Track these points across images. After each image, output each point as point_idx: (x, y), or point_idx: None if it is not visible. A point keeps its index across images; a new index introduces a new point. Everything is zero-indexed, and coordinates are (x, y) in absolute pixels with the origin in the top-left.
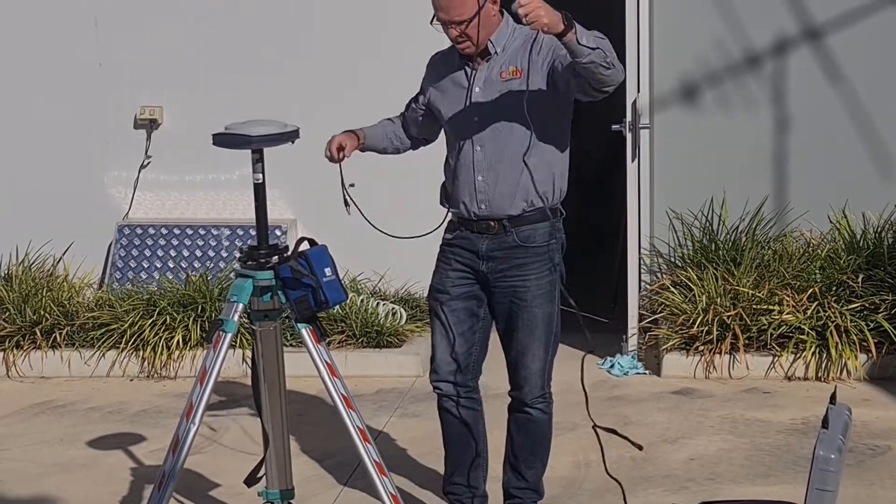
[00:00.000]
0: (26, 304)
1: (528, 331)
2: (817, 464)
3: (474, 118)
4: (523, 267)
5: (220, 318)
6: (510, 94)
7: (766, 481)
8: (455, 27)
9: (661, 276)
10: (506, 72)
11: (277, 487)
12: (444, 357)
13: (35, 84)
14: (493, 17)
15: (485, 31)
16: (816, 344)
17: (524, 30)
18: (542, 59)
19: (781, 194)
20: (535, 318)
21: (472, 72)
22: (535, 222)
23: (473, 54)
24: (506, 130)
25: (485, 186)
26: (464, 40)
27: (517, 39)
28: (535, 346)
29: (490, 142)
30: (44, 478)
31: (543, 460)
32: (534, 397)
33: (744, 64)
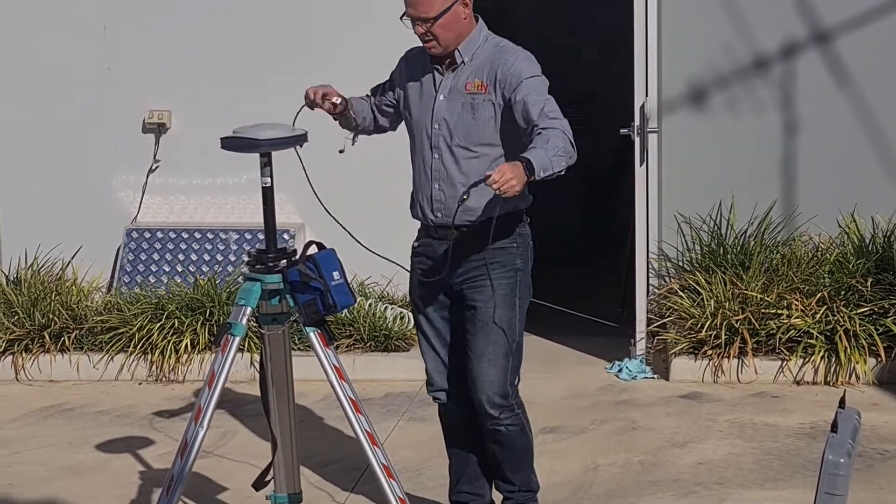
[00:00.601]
0: (35, 308)
1: (484, 335)
2: (826, 468)
3: (435, 125)
4: (481, 269)
5: (228, 321)
6: (472, 108)
7: (775, 486)
8: (421, 24)
9: (670, 281)
10: (471, 84)
11: (285, 491)
12: (433, 367)
13: (44, 88)
14: (464, 20)
15: (452, 34)
16: (825, 348)
17: (496, 45)
18: (503, 88)
19: (790, 198)
20: (488, 321)
21: (439, 78)
22: (504, 227)
23: (440, 56)
24: (462, 140)
25: (441, 195)
26: (430, 39)
27: (488, 54)
28: (490, 350)
29: (448, 152)
30: (52, 481)
31: (528, 462)
32: (494, 406)
33: (752, 67)
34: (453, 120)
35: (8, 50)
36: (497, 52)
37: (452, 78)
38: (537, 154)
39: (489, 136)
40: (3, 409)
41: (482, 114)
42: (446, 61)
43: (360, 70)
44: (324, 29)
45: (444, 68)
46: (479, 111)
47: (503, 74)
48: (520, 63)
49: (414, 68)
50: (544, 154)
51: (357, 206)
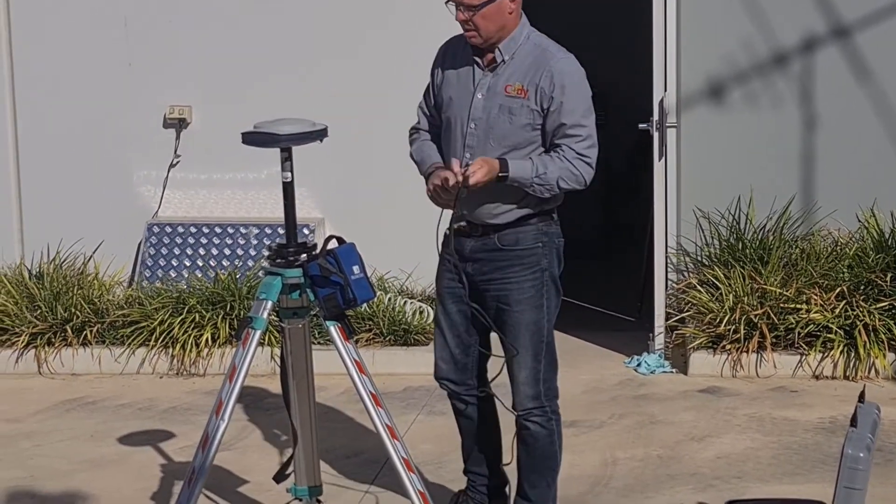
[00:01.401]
0: (57, 302)
1: (512, 337)
2: (846, 462)
3: (471, 125)
4: (506, 270)
5: (249, 315)
6: (509, 112)
7: (794, 480)
8: (463, 11)
9: (688, 275)
10: (511, 87)
11: (306, 484)
12: (441, 355)
13: (65, 84)
14: (509, 14)
15: (495, 26)
16: (844, 343)
17: (538, 44)
18: (542, 98)
19: (809, 193)
20: (518, 324)
21: (479, 74)
22: (520, 227)
23: (479, 46)
24: (496, 143)
25: (469, 194)
26: (471, 28)
27: (530, 55)
28: (520, 353)
29: (479, 151)
30: (74, 474)
31: (549, 481)
32: (524, 409)
33: (771, 62)
34: (490, 122)
35: (30, 45)
36: (540, 55)
37: (492, 77)
38: (525, 169)
39: (525, 139)
40: (26, 403)
41: (519, 119)
42: (486, 56)
43: (381, 69)
44: (346, 26)
45: (483, 63)
46: (517, 116)
47: (547, 85)
48: (565, 78)
49: (454, 58)
50: (531, 173)
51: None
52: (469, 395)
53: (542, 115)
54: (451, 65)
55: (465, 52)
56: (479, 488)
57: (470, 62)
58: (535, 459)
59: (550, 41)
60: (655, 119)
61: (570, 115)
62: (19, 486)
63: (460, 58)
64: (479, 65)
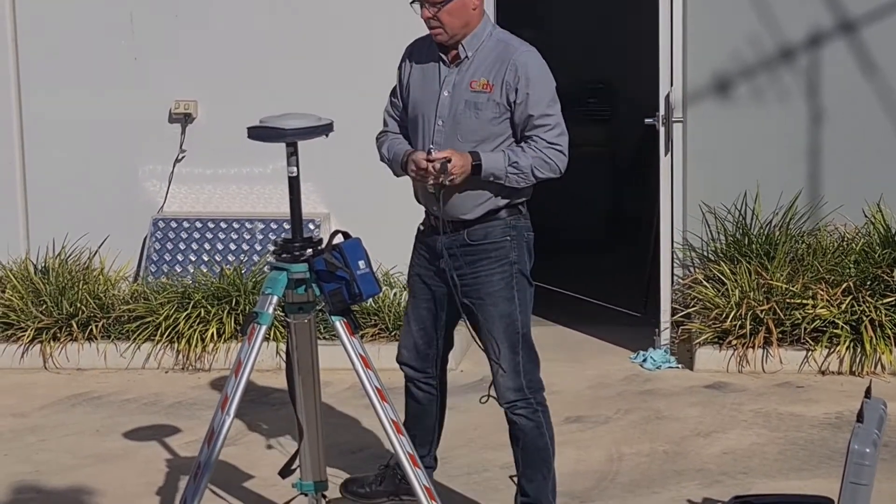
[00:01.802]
0: (63, 297)
1: (486, 330)
2: (852, 458)
3: (438, 122)
4: (475, 265)
5: (254, 310)
6: (475, 107)
7: (800, 475)
8: (428, 8)
9: (694, 270)
10: (476, 82)
11: (311, 479)
12: (405, 344)
13: (70, 78)
14: (473, 10)
15: (459, 22)
16: (851, 338)
17: (500, 39)
18: (509, 92)
19: (815, 188)
20: (491, 317)
21: (444, 71)
22: (490, 221)
23: (444, 43)
24: (464, 139)
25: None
26: (436, 25)
27: (493, 51)
28: (493, 346)
29: (447, 147)
30: (80, 468)
31: (544, 473)
32: (508, 402)
33: (777, 57)
34: (456, 118)
35: (35, 40)
36: (503, 50)
37: (457, 73)
38: (497, 161)
39: (492, 133)
40: (32, 397)
41: (485, 113)
42: (451, 53)
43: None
44: (352, 19)
45: (448, 60)
46: (483, 111)
47: (511, 78)
48: (529, 70)
49: (420, 57)
50: (504, 164)
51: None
52: (426, 382)
53: (509, 109)
54: (417, 64)
55: (430, 51)
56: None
57: (435, 60)
58: (527, 453)
59: (513, 36)
60: (661, 114)
61: (536, 106)
62: (25, 480)
63: (426, 57)
64: (445, 62)
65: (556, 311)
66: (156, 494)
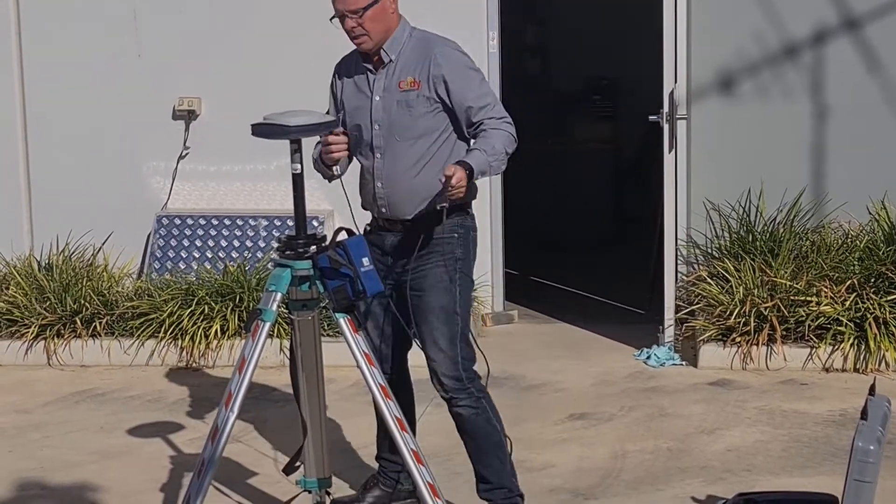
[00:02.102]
0: (67, 294)
1: (424, 321)
2: (856, 455)
3: (375, 126)
4: (422, 259)
5: (258, 307)
6: (407, 105)
7: (804, 473)
8: (351, 18)
9: (698, 268)
10: (404, 82)
11: (315, 476)
12: None
13: (74, 75)
14: (391, 14)
15: (382, 26)
16: (855, 335)
17: (420, 38)
18: (436, 84)
19: (820, 185)
20: (429, 308)
21: (372, 78)
22: (437, 220)
23: (369, 51)
24: (402, 138)
25: (384, 192)
26: (361, 33)
27: (415, 50)
28: (432, 336)
29: (389, 150)
30: (84, 465)
31: (500, 457)
32: (446, 390)
33: (782, 54)
34: (391, 119)
35: (39, 37)
36: (425, 46)
37: (385, 78)
38: (478, 158)
39: (428, 128)
40: (36, 394)
41: (418, 109)
42: (375, 59)
43: None
44: None
45: (374, 67)
46: (415, 107)
47: (436, 70)
48: (452, 60)
49: (348, 72)
50: (484, 157)
51: None
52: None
53: (440, 101)
54: (348, 79)
55: (356, 64)
56: (391, 474)
57: (362, 71)
58: (479, 441)
59: (432, 33)
60: (665, 111)
61: (469, 94)
62: (29, 477)
63: (353, 70)
64: (371, 70)
65: (560, 309)
66: (160, 491)
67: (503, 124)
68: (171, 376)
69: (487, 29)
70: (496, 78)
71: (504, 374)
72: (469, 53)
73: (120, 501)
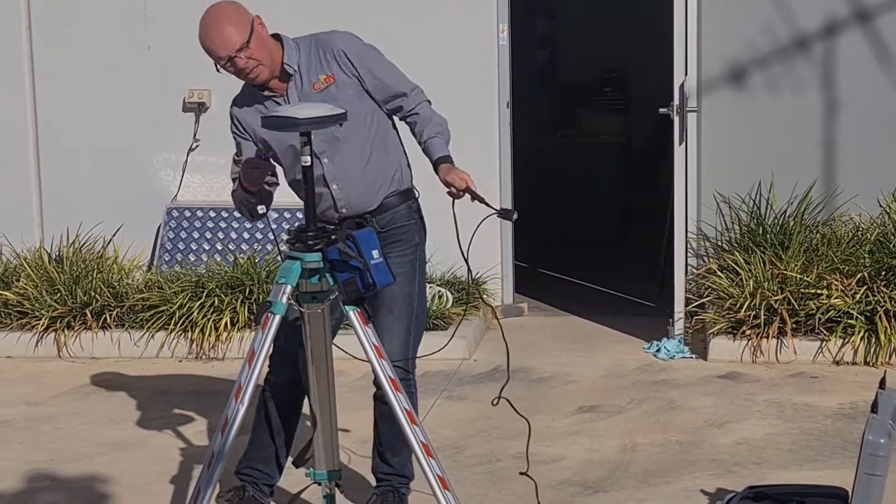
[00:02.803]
0: (77, 286)
1: (387, 310)
2: (867, 448)
3: (315, 139)
4: (386, 248)
5: (268, 299)
6: (332, 99)
7: (814, 466)
8: (239, 56)
9: (708, 260)
10: (317, 82)
11: (325, 468)
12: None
13: (84, 68)
14: (268, 36)
15: (267, 51)
16: (865, 328)
17: (310, 41)
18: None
19: (830, 178)
20: (394, 296)
21: (281, 98)
22: (395, 207)
23: (266, 80)
24: (342, 136)
25: (342, 193)
26: (255, 66)
27: (311, 52)
28: (394, 325)
29: (332, 150)
30: (94, 457)
31: (408, 447)
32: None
33: (793, 47)
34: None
35: (49, 30)
36: (318, 44)
37: (295, 90)
38: (442, 145)
39: (360, 112)
40: (46, 386)
41: (343, 100)
42: (273, 82)
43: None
44: (367, 8)
45: (277, 90)
46: (340, 98)
47: (343, 59)
48: (348, 43)
49: (251, 113)
50: (444, 142)
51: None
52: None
53: (359, 83)
54: (253, 115)
55: (255, 98)
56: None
57: (264, 99)
58: (396, 430)
59: (314, 34)
60: (676, 103)
61: (397, 80)
62: (39, 468)
63: (255, 104)
64: (275, 95)
65: (570, 301)
66: (169, 483)
67: (422, 97)
68: (181, 368)
69: (498, 21)
70: (506, 71)
71: (514, 366)
72: (479, 46)
73: (130, 493)
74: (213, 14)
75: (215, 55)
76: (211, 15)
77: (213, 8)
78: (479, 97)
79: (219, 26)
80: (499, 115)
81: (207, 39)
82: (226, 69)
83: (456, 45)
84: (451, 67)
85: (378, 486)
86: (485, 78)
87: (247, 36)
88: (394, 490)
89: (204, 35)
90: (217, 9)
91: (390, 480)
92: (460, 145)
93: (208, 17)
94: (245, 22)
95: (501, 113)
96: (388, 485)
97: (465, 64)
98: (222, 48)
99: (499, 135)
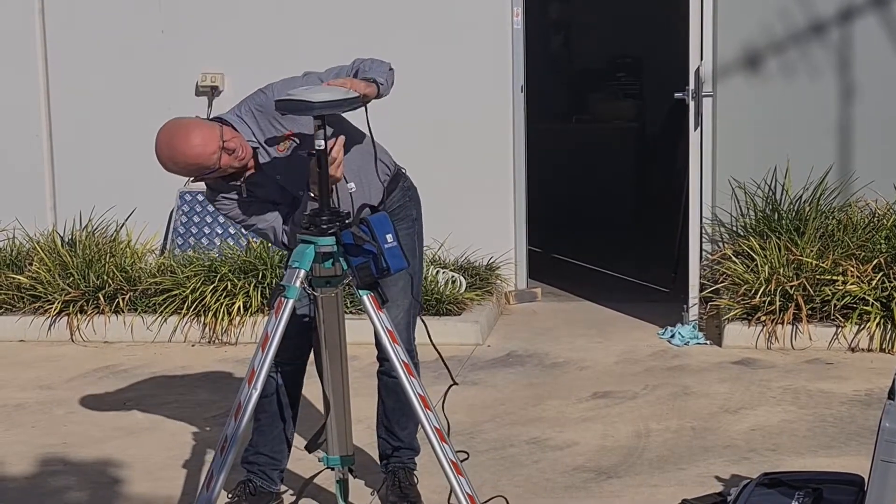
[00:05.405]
0: (90, 270)
1: (391, 282)
2: (883, 435)
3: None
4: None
5: (281, 283)
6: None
7: (829, 453)
8: (227, 154)
9: (723, 246)
10: (280, 145)
11: (338, 453)
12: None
13: (97, 51)
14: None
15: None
16: (881, 315)
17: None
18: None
19: (846, 163)
20: (399, 275)
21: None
22: (392, 190)
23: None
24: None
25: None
26: (240, 158)
27: (257, 124)
28: (399, 297)
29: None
30: (107, 441)
31: (415, 419)
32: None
33: (808, 31)
34: (303, 172)
35: (62, 13)
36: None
37: (267, 156)
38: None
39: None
40: (59, 370)
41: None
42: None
43: (415, 39)
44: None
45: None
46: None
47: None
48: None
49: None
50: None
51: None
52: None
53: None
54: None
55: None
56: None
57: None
58: (402, 403)
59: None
60: (691, 88)
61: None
62: (52, 452)
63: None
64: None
65: (584, 287)
66: (182, 467)
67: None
68: (194, 353)
69: (512, 6)
70: (521, 55)
71: (527, 352)
72: (493, 30)
73: (142, 477)
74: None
75: (204, 175)
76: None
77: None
78: (494, 81)
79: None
80: (513, 100)
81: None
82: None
83: (470, 29)
84: (466, 52)
85: (388, 464)
86: (499, 62)
87: (221, 137)
88: (404, 467)
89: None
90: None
91: (399, 456)
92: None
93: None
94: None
95: (515, 97)
96: (397, 461)
97: (479, 48)
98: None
99: (513, 119)
